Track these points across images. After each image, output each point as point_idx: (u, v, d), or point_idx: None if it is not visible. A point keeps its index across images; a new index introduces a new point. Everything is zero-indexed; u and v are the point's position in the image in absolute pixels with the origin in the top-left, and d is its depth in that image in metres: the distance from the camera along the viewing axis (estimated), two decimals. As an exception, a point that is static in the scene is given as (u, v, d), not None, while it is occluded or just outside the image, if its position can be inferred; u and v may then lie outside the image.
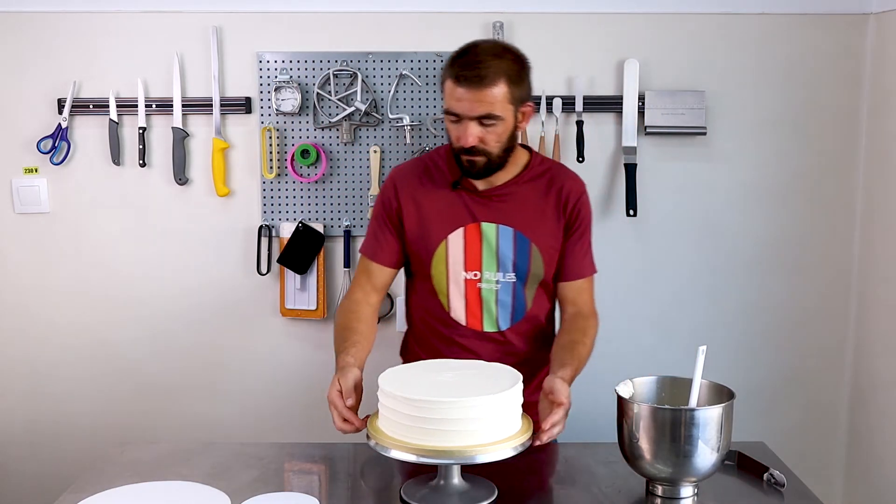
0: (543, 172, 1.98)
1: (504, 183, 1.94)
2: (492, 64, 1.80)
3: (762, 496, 1.65)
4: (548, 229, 1.95)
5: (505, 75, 1.81)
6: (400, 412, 1.54)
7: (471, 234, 1.93)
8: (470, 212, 1.94)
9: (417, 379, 1.63)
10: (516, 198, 1.94)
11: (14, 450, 2.65)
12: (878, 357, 2.50)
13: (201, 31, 2.48)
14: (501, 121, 1.82)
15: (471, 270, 1.94)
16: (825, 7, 2.48)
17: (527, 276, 1.95)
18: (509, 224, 1.93)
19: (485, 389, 1.56)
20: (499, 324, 1.96)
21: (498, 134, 1.84)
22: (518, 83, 1.85)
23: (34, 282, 2.58)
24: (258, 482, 1.70)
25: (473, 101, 1.79)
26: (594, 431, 2.10)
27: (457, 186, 1.94)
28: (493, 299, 1.95)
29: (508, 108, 1.83)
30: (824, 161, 2.56)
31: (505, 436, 1.56)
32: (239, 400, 2.64)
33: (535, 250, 1.94)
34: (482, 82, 1.78)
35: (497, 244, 1.93)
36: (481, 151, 1.84)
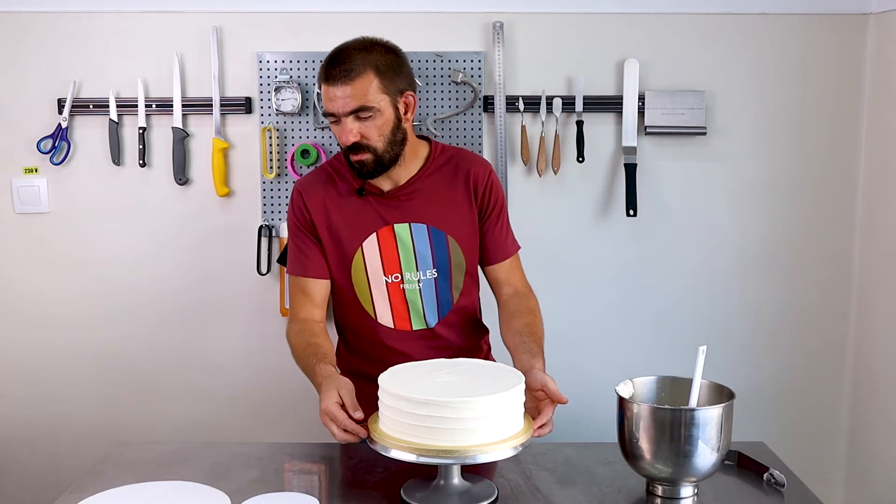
0: (446, 161, 1.97)
1: (408, 180, 1.93)
2: (357, 57, 1.80)
3: (762, 496, 1.65)
4: (461, 218, 1.95)
5: (373, 66, 1.81)
6: (404, 412, 1.53)
7: (384, 237, 1.93)
8: (380, 216, 1.93)
9: (418, 379, 1.62)
10: (423, 193, 1.93)
11: (14, 450, 2.65)
12: (878, 357, 2.50)
13: (201, 31, 2.48)
14: (378, 112, 1.81)
15: (391, 274, 1.94)
16: (825, 7, 2.48)
17: (448, 269, 1.95)
18: (421, 221, 1.93)
19: (487, 389, 1.56)
20: (426, 321, 1.97)
21: (378, 126, 1.82)
22: (390, 73, 1.83)
23: (34, 282, 2.58)
24: (258, 482, 1.70)
25: (344, 97, 1.79)
26: (594, 431, 2.10)
27: (362, 193, 1.93)
28: (418, 298, 1.95)
29: (383, 99, 1.82)
30: (824, 161, 2.56)
31: (508, 434, 1.56)
32: (239, 400, 2.64)
33: (451, 242, 1.94)
34: (349, 76, 1.78)
35: (413, 243, 1.93)
36: (366, 147, 1.83)
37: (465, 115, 2.49)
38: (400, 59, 1.88)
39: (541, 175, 2.52)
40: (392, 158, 1.87)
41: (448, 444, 1.51)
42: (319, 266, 1.96)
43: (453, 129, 2.50)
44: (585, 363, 2.62)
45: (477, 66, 2.47)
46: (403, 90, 1.87)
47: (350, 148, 1.84)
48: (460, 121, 2.49)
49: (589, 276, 2.60)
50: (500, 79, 2.47)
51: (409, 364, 1.74)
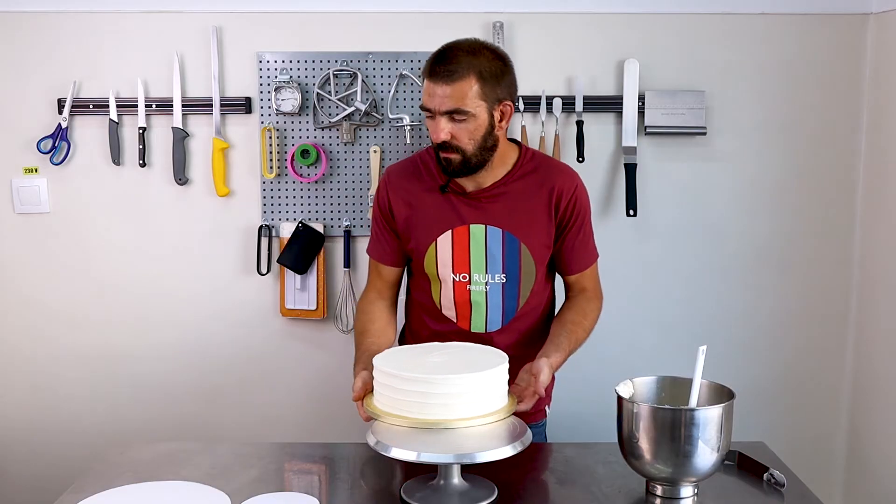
0: (533, 170, 1.97)
1: (493, 184, 1.94)
2: (464, 60, 1.81)
3: (762, 496, 1.65)
4: (538, 228, 1.95)
5: (476, 72, 1.81)
6: (395, 388, 1.60)
7: (459, 236, 1.94)
8: (458, 214, 1.94)
9: (410, 359, 1.68)
10: (505, 198, 1.94)
11: (14, 450, 2.65)
12: (878, 357, 2.50)
13: (201, 31, 2.48)
14: (472, 117, 1.82)
15: (459, 273, 1.95)
16: (825, 7, 2.48)
17: (518, 276, 1.95)
18: (498, 225, 1.93)
19: (470, 368, 1.62)
20: (487, 325, 1.97)
21: (470, 131, 1.83)
22: (492, 81, 1.83)
23: (34, 282, 2.58)
24: (258, 482, 1.70)
25: (443, 96, 1.80)
26: (594, 431, 2.10)
27: (445, 190, 1.95)
28: (483, 301, 1.96)
29: (480, 105, 1.83)
30: (824, 161, 2.56)
31: (490, 409, 1.62)
32: (239, 400, 2.64)
33: (524, 250, 1.94)
34: (451, 77, 1.80)
35: (486, 246, 1.93)
36: (455, 148, 1.84)
37: (465, 115, 2.49)
38: (506, 66, 1.88)
39: (541, 175, 2.52)
40: (479, 162, 1.88)
41: (433, 417, 1.58)
42: (392, 254, 2.02)
43: (453, 129, 2.49)
44: (585, 363, 2.61)
45: (477, 66, 2.47)
46: (502, 99, 1.86)
47: (440, 146, 1.85)
48: (460, 121, 2.49)
49: (589, 276, 2.59)
50: (500, 79, 2.46)
51: (405, 346, 1.81)
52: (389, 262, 2.03)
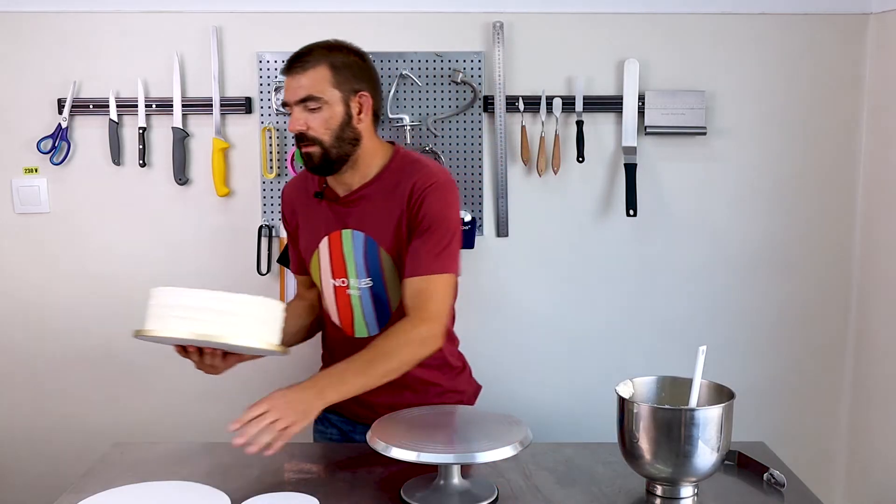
0: (399, 170, 1.90)
1: (358, 187, 1.92)
2: (317, 52, 1.85)
3: (762, 496, 1.65)
4: (394, 229, 1.88)
5: (328, 62, 1.84)
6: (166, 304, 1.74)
7: (334, 242, 1.94)
8: (332, 220, 1.94)
9: None
10: (367, 201, 1.91)
11: (14, 450, 2.65)
12: (878, 357, 2.50)
13: (201, 31, 2.48)
14: (326, 105, 1.83)
15: (338, 278, 1.94)
16: (825, 7, 2.48)
17: (382, 280, 1.92)
18: (360, 229, 1.91)
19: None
20: (368, 329, 1.96)
21: (324, 119, 1.83)
22: (346, 71, 1.85)
23: (34, 282, 2.58)
24: (258, 482, 1.70)
25: (295, 86, 1.83)
26: (594, 431, 2.10)
27: (320, 196, 1.95)
28: (359, 305, 1.95)
29: (333, 93, 1.83)
30: (824, 161, 2.56)
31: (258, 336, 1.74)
32: (239, 400, 2.63)
33: (383, 254, 1.90)
34: (304, 67, 1.83)
35: (353, 250, 1.92)
36: (312, 139, 1.84)
37: (464, 115, 2.49)
38: (363, 62, 1.90)
39: (541, 175, 2.52)
40: (340, 156, 1.85)
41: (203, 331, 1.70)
42: (296, 264, 2.09)
43: (453, 129, 2.50)
44: (586, 363, 2.63)
45: (477, 66, 2.47)
46: (359, 90, 1.86)
47: (298, 139, 1.86)
48: (460, 121, 2.49)
49: (589, 277, 2.60)
50: (500, 79, 2.47)
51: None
52: (296, 270, 2.09)
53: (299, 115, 1.84)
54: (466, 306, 2.32)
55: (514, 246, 2.57)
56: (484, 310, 2.58)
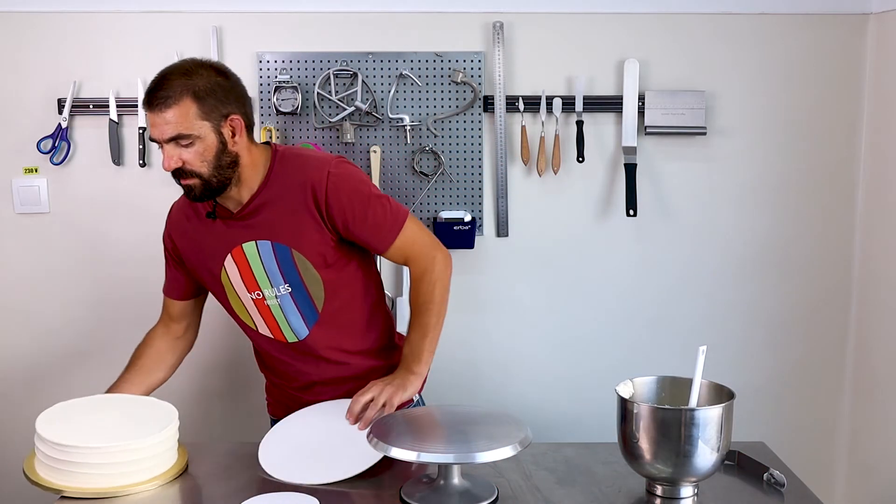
0: (283, 171, 1.88)
1: (250, 197, 1.87)
2: (176, 83, 1.75)
3: (762, 496, 1.65)
4: (305, 229, 1.86)
5: (190, 92, 1.75)
6: (45, 454, 1.67)
7: (238, 258, 1.90)
8: (231, 236, 1.90)
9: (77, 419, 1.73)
10: (265, 208, 1.87)
11: (14, 450, 2.65)
12: (878, 357, 2.50)
13: (201, 31, 2.48)
14: (199, 139, 1.77)
15: (252, 291, 1.92)
16: (825, 7, 2.48)
17: (301, 282, 1.90)
18: (265, 237, 1.87)
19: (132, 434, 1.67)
20: (296, 333, 1.94)
21: (200, 153, 1.78)
22: (210, 99, 1.77)
23: (34, 282, 2.58)
24: (258, 482, 1.70)
25: (161, 123, 1.75)
26: (594, 431, 2.10)
27: (213, 216, 1.91)
28: (281, 313, 1.93)
29: (203, 126, 1.76)
30: (824, 161, 2.56)
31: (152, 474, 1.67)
32: (239, 400, 2.64)
33: (297, 255, 1.87)
34: (166, 103, 1.74)
35: (261, 261, 1.89)
36: (190, 173, 1.79)
37: (464, 115, 2.49)
38: (227, 80, 1.82)
39: (541, 175, 2.52)
40: (221, 182, 1.81)
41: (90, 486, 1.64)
42: (178, 289, 2.05)
43: (453, 129, 2.50)
44: (585, 363, 2.62)
45: (477, 66, 2.47)
46: (227, 114, 1.80)
47: (176, 174, 1.81)
48: (460, 121, 2.49)
49: (589, 276, 2.60)
50: (500, 79, 2.47)
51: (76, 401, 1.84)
52: (174, 295, 2.05)
53: (172, 151, 1.77)
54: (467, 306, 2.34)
55: (514, 246, 2.57)
56: (484, 309, 2.58)
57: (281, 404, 2.06)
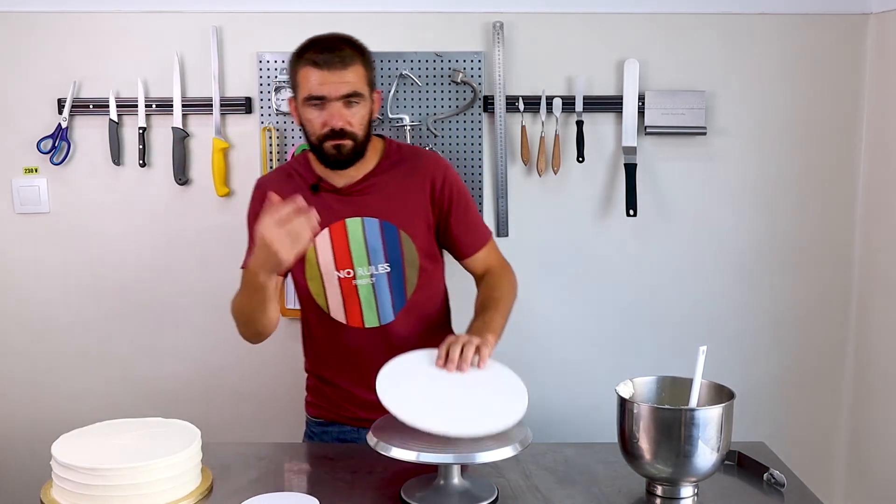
0: (401, 159, 1.97)
1: (363, 176, 1.94)
2: (347, 47, 1.85)
3: (762, 496, 1.65)
4: (415, 215, 1.94)
5: (360, 57, 1.86)
6: (72, 481, 1.55)
7: (336, 232, 1.93)
8: (333, 211, 1.93)
9: (95, 444, 1.63)
10: (378, 188, 1.94)
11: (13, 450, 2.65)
12: (878, 357, 2.50)
13: (201, 31, 2.48)
14: (364, 100, 1.86)
15: (343, 269, 1.94)
16: (825, 7, 2.48)
17: (402, 264, 1.94)
18: (374, 215, 1.93)
19: (156, 453, 1.57)
20: (380, 317, 1.96)
21: (361, 115, 1.86)
22: (370, 66, 1.89)
23: (34, 282, 2.58)
24: (258, 482, 1.70)
25: (337, 81, 1.82)
26: (594, 431, 2.10)
27: (317, 189, 1.94)
28: (371, 293, 1.94)
29: (367, 90, 1.87)
30: (824, 161, 2.56)
31: (187, 492, 1.58)
32: (239, 400, 2.64)
33: (404, 237, 1.93)
34: (344, 62, 1.82)
35: (364, 237, 1.93)
36: (349, 134, 1.85)
37: (465, 115, 2.49)
38: (370, 54, 1.92)
39: (541, 175, 2.52)
40: (363, 150, 1.90)
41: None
42: None
43: (453, 129, 2.50)
44: (585, 363, 2.63)
45: (477, 66, 2.47)
46: (374, 88, 1.92)
47: (333, 134, 1.84)
48: (460, 121, 2.49)
49: (589, 276, 2.60)
50: (500, 79, 2.47)
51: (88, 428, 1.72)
52: None
53: (341, 110, 1.83)
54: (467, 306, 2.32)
55: (514, 246, 2.56)
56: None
57: (325, 405, 2.04)
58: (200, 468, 1.66)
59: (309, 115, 1.86)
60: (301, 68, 1.84)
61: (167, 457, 1.56)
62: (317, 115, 1.85)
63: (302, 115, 1.88)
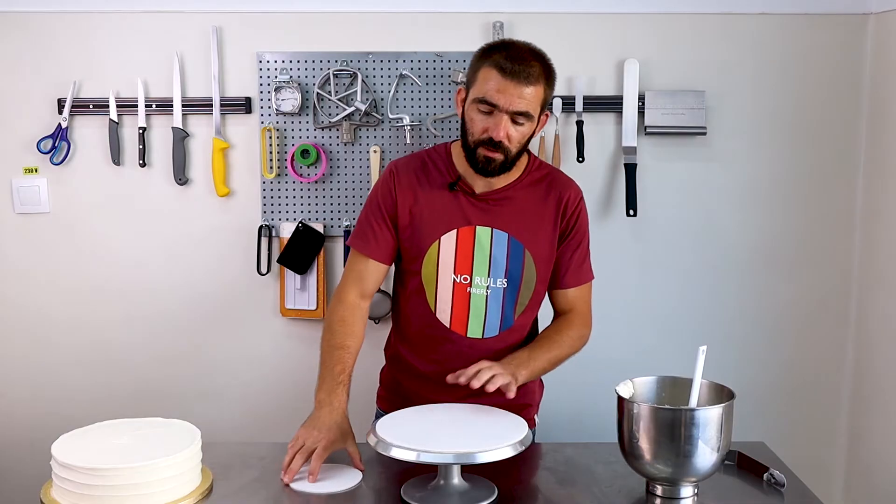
0: (542, 178, 1.96)
1: (502, 187, 1.92)
2: (536, 64, 1.80)
3: (762, 496, 1.65)
4: (543, 236, 1.93)
5: (545, 80, 1.82)
6: (72, 481, 1.53)
7: (464, 236, 1.91)
8: (465, 214, 1.91)
9: (95, 444, 1.62)
10: (513, 202, 1.92)
11: (14, 450, 2.65)
12: (878, 357, 2.50)
13: (201, 31, 2.48)
14: (531, 122, 1.83)
15: (461, 274, 1.91)
16: (825, 7, 2.48)
17: (519, 283, 1.92)
18: (504, 229, 1.91)
19: (156, 453, 1.57)
20: (484, 330, 1.93)
21: (523, 134, 1.83)
22: (551, 87, 1.86)
23: (34, 282, 2.58)
24: (258, 482, 1.70)
25: (516, 95, 1.78)
26: (594, 431, 2.10)
27: (454, 188, 1.92)
28: (483, 305, 1.92)
29: (538, 111, 1.83)
30: (824, 161, 2.56)
31: (187, 492, 1.58)
32: (239, 400, 2.64)
33: (528, 257, 1.92)
34: (529, 79, 1.78)
35: (490, 249, 1.91)
36: (504, 149, 1.82)
37: (465, 115, 2.49)
38: (555, 75, 1.88)
39: (541, 175, 2.52)
40: (510, 166, 1.87)
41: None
42: (384, 249, 1.94)
43: (453, 129, 2.50)
44: (586, 363, 2.62)
45: (477, 66, 2.47)
46: (545, 108, 1.88)
47: (490, 143, 1.81)
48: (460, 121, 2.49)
49: (589, 276, 2.59)
50: (500, 79, 2.46)
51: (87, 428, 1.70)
52: (378, 256, 1.93)
53: (507, 124, 1.80)
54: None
55: (514, 246, 2.57)
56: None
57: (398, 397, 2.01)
58: (200, 468, 1.65)
59: (474, 115, 1.83)
60: (484, 67, 1.81)
61: (167, 457, 1.56)
62: (481, 120, 1.82)
63: (467, 112, 1.86)
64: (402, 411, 1.76)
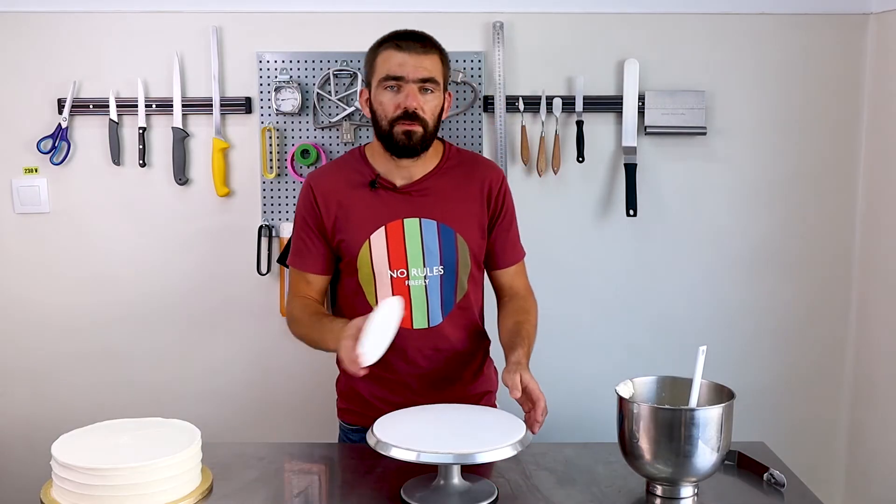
0: (461, 162, 2.00)
1: (422, 177, 1.94)
2: (429, 39, 1.91)
3: (762, 496, 1.65)
4: (471, 218, 1.96)
5: (440, 53, 1.91)
6: (72, 481, 1.53)
7: (393, 231, 1.92)
8: (390, 209, 1.93)
9: (95, 444, 1.61)
10: (436, 190, 1.95)
11: (14, 450, 2.65)
12: (878, 357, 2.50)
13: (201, 31, 2.48)
14: (438, 89, 1.89)
15: (396, 269, 1.93)
16: (825, 7, 2.48)
17: (455, 267, 1.95)
18: (432, 217, 1.93)
19: (156, 453, 1.56)
20: (429, 319, 1.95)
21: (434, 105, 1.89)
22: (447, 64, 1.93)
23: (34, 282, 2.58)
24: (258, 482, 1.70)
25: (417, 65, 1.85)
26: (594, 431, 2.10)
27: (375, 185, 1.93)
28: (423, 295, 1.94)
29: (442, 80, 1.90)
30: (824, 161, 2.56)
31: (187, 492, 1.57)
32: (239, 400, 2.64)
33: (460, 240, 1.94)
34: (425, 49, 1.88)
35: (422, 239, 1.93)
36: (421, 120, 1.86)
37: (465, 115, 2.49)
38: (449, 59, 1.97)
39: (541, 175, 2.52)
40: (429, 143, 1.91)
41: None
42: (318, 263, 1.98)
43: (453, 129, 2.50)
44: (585, 363, 2.63)
45: (477, 66, 2.47)
46: (446, 88, 1.95)
47: (406, 116, 1.85)
48: (460, 121, 2.49)
49: (589, 277, 2.60)
50: (500, 79, 2.47)
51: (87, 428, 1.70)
52: (318, 269, 1.98)
53: (416, 93, 1.85)
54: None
55: (514, 246, 2.57)
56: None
57: (360, 409, 2.01)
58: (200, 468, 1.65)
59: (382, 98, 1.88)
60: (382, 52, 1.89)
61: (167, 457, 1.56)
62: (391, 98, 1.87)
63: (374, 99, 1.90)
64: (401, 411, 1.76)
